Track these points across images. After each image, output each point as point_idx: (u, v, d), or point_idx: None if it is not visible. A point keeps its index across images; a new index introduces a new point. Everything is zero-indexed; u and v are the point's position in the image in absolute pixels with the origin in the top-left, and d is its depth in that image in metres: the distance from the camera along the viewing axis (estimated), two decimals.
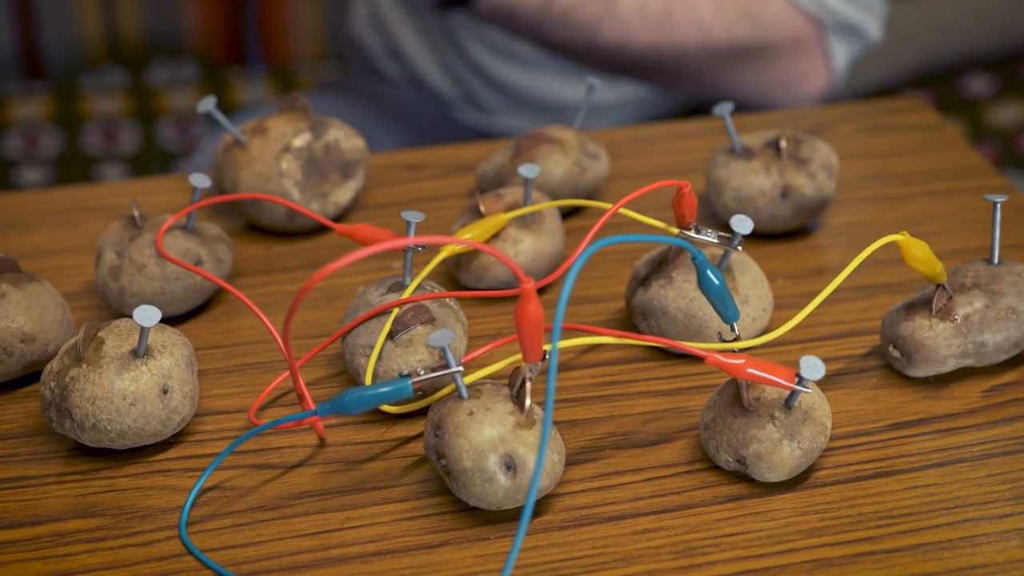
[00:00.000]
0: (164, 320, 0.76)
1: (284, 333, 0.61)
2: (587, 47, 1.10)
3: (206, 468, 0.66)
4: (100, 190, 0.97)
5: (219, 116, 0.83)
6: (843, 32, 1.13)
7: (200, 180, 0.77)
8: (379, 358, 0.69)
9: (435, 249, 0.78)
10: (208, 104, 0.83)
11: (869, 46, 1.15)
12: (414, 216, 0.72)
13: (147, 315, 0.64)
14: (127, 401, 0.65)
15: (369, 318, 0.70)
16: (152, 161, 1.75)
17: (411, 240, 0.59)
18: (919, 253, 0.69)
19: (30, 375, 0.73)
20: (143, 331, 0.64)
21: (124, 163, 1.76)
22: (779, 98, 1.16)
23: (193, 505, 0.65)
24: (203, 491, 0.65)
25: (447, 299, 0.72)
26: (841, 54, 1.14)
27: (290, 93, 1.16)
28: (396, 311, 0.69)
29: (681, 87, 1.18)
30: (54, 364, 0.66)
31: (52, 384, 0.66)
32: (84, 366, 0.65)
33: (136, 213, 0.77)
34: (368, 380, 0.69)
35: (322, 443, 0.68)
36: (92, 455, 0.68)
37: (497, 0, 1.06)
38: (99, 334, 0.66)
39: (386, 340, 0.69)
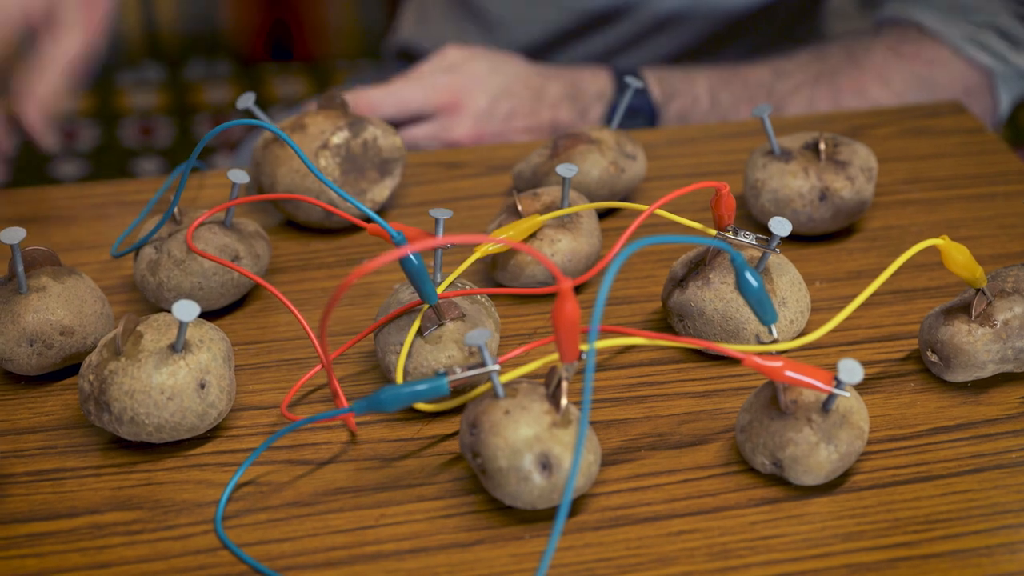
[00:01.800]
0: (201, 315, 0.76)
1: (320, 332, 0.61)
2: None
3: (242, 463, 0.66)
4: (140, 185, 0.98)
5: (259, 112, 0.84)
6: (1013, 78, 1.11)
7: (239, 176, 0.77)
8: (409, 355, 0.69)
9: (470, 247, 0.79)
10: (247, 100, 0.83)
11: None
12: (442, 213, 0.72)
13: (186, 310, 0.64)
14: (165, 395, 0.65)
15: (399, 315, 0.70)
16: (187, 156, 1.76)
17: (448, 239, 0.59)
18: (959, 257, 0.69)
19: (69, 368, 0.74)
20: (182, 326, 0.65)
21: (160, 157, 1.77)
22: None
23: (229, 500, 0.65)
24: (239, 486, 0.66)
25: (479, 296, 0.72)
26: (1006, 98, 1.12)
27: (328, 89, 1.16)
28: (425, 308, 0.69)
29: None
30: (93, 357, 0.67)
31: (91, 377, 0.66)
32: (123, 360, 0.66)
33: (175, 208, 0.77)
34: (399, 377, 0.69)
35: (355, 439, 0.68)
36: (129, 448, 0.68)
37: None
38: (138, 328, 0.67)
39: (416, 337, 0.69)
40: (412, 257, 0.67)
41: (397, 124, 1.02)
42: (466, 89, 1.03)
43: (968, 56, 1.08)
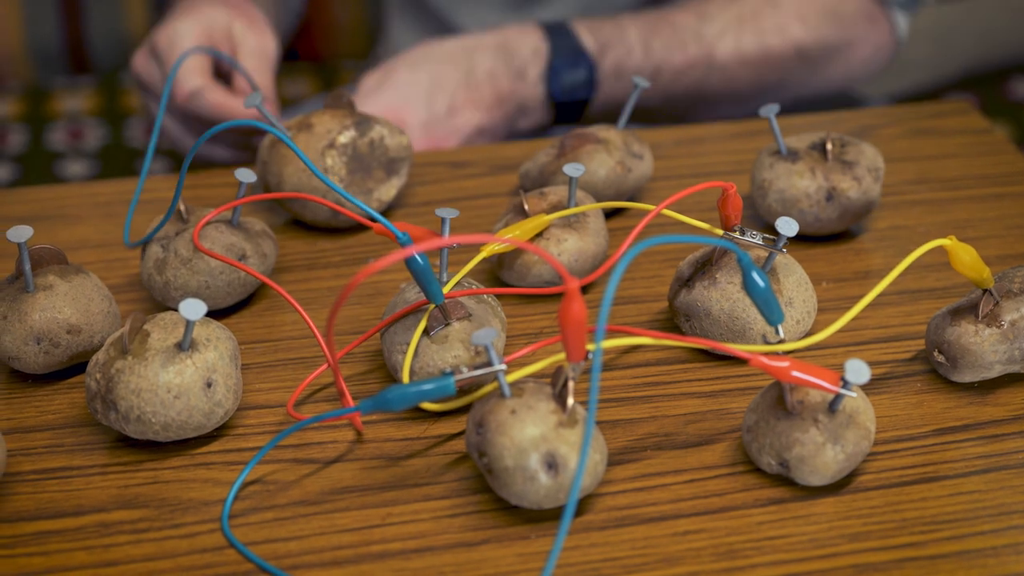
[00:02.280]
0: (208, 314, 0.76)
1: (327, 332, 0.61)
2: (695, 100, 1.14)
3: (248, 462, 0.66)
4: (146, 183, 0.98)
5: (265, 112, 0.84)
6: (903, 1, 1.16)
7: (246, 175, 0.77)
8: (415, 354, 0.69)
9: (477, 247, 0.79)
10: (255, 99, 0.83)
11: (919, 8, 1.17)
12: (448, 212, 0.72)
13: (193, 309, 0.64)
14: (171, 394, 0.65)
15: (406, 315, 0.70)
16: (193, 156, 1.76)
17: (455, 239, 0.59)
18: (966, 258, 0.68)
19: (76, 366, 0.74)
20: (188, 324, 0.65)
21: (166, 157, 1.77)
22: (859, 80, 1.18)
23: (235, 498, 0.65)
24: (245, 485, 0.66)
25: (484, 295, 0.72)
26: (902, 20, 1.17)
27: (335, 89, 1.16)
28: (431, 308, 0.69)
29: (777, 99, 1.19)
30: (100, 356, 0.67)
31: (98, 375, 0.66)
32: (130, 358, 0.66)
33: (182, 207, 0.78)
34: (405, 377, 0.69)
35: (361, 438, 0.69)
36: (136, 447, 0.68)
37: (607, 95, 1.08)
38: (144, 327, 0.67)
39: (422, 336, 0.69)
40: (418, 257, 0.67)
41: None
42: (399, 105, 1.03)
43: None
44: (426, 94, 1.03)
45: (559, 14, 1.23)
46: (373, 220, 0.70)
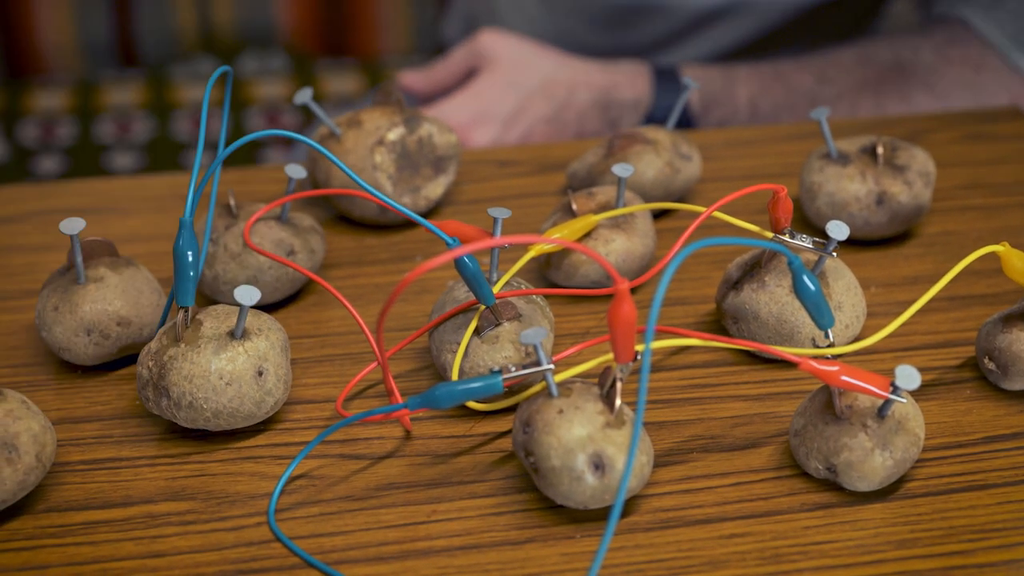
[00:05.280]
0: (256, 308, 0.77)
1: (377, 331, 0.62)
2: None
3: (295, 456, 0.66)
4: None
5: (315, 108, 0.84)
6: None
7: (295, 171, 0.78)
8: (465, 354, 0.69)
9: (524, 246, 0.79)
10: (305, 96, 0.84)
11: None
12: (501, 212, 0.72)
13: (247, 294, 0.65)
14: (223, 380, 0.66)
15: (455, 314, 0.71)
16: (239, 150, 1.77)
17: (506, 239, 0.59)
18: (1019, 264, 0.68)
19: (125, 358, 0.74)
20: (242, 310, 0.65)
21: (212, 151, 1.78)
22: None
23: (282, 492, 0.65)
24: (292, 479, 0.66)
25: (534, 296, 0.72)
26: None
27: (385, 84, 1.16)
28: (482, 308, 0.70)
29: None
30: (152, 344, 0.68)
31: (150, 363, 0.67)
32: (183, 346, 0.66)
33: (232, 202, 0.78)
34: (455, 376, 0.69)
35: (408, 436, 0.69)
36: (184, 439, 0.69)
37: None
38: (197, 316, 0.67)
39: (472, 336, 0.69)
40: (467, 260, 0.67)
41: None
42: (474, 120, 1.02)
43: (1013, 62, 1.06)
44: (506, 118, 1.02)
45: (643, 33, 1.20)
46: (424, 227, 0.70)
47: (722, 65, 1.08)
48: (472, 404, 0.69)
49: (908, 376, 0.61)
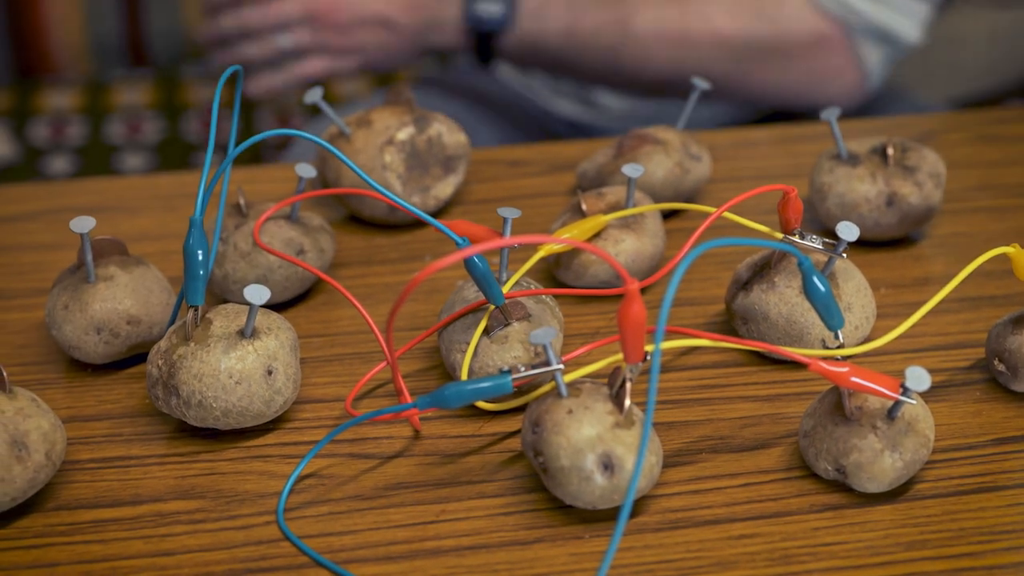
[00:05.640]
0: (265, 307, 0.77)
1: (386, 330, 0.62)
2: (611, 71, 1.15)
3: (305, 455, 0.66)
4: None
5: (325, 108, 0.84)
6: (873, 35, 1.14)
7: (305, 170, 0.78)
8: (475, 354, 0.69)
9: (533, 246, 0.79)
10: (315, 95, 0.84)
11: (907, 49, 1.15)
12: (511, 212, 0.72)
13: (257, 293, 0.65)
14: (233, 379, 0.66)
15: (465, 314, 0.71)
16: (248, 149, 1.77)
17: (516, 239, 0.59)
18: None
19: (134, 357, 0.74)
20: (252, 308, 0.65)
21: (222, 151, 1.78)
22: (807, 98, 1.17)
23: (291, 492, 0.65)
24: (301, 478, 0.66)
25: (543, 296, 0.72)
26: (874, 56, 1.15)
27: (395, 85, 1.17)
28: (491, 308, 0.70)
29: (709, 98, 1.19)
30: (162, 343, 0.68)
31: (160, 362, 0.67)
32: (192, 344, 0.66)
33: (242, 201, 0.78)
34: (464, 376, 0.69)
35: (418, 435, 0.69)
36: (193, 438, 0.69)
37: (524, 34, 1.10)
38: (207, 315, 0.67)
39: (482, 336, 0.69)
40: (477, 260, 0.67)
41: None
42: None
43: (816, 2, 1.10)
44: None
45: None
46: (434, 217, 0.70)
47: None
48: (481, 404, 0.69)
49: (918, 377, 0.61)
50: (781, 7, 1.13)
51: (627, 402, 0.62)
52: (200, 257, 0.68)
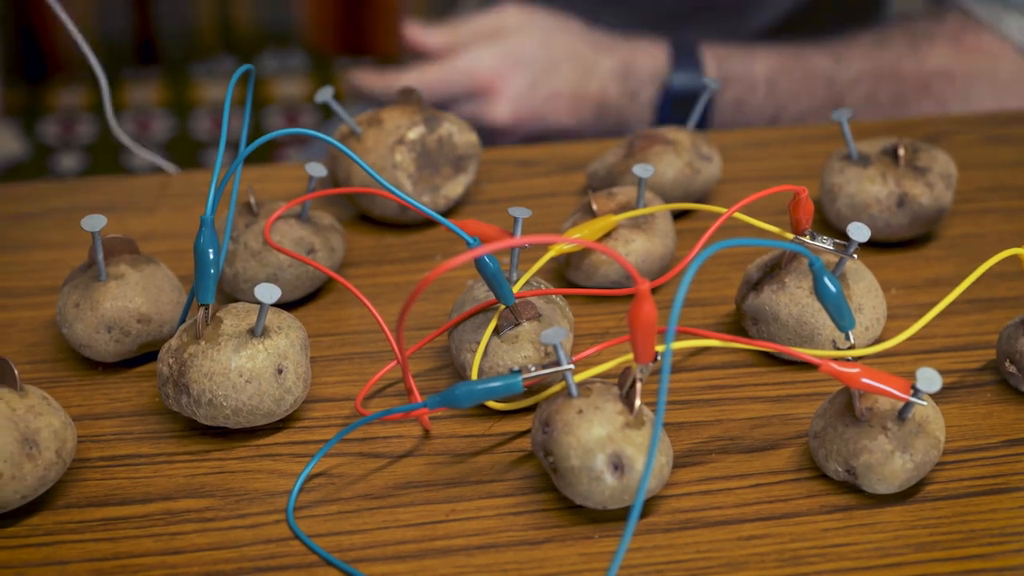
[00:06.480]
0: (276, 306, 0.77)
1: (397, 330, 0.62)
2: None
3: (314, 454, 0.66)
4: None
5: (336, 107, 0.84)
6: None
7: (316, 169, 0.78)
8: (485, 354, 0.69)
9: (544, 246, 0.78)
10: (326, 94, 0.84)
11: None
12: (521, 212, 0.72)
13: (268, 292, 0.65)
14: (243, 378, 0.66)
15: (475, 313, 0.71)
16: (258, 148, 1.77)
17: (527, 239, 0.59)
18: None
19: (145, 355, 0.74)
20: (263, 308, 0.66)
21: (231, 149, 1.78)
22: None
23: (300, 490, 0.65)
24: (310, 477, 0.66)
25: (554, 296, 0.72)
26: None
27: (406, 85, 1.17)
28: (501, 308, 0.70)
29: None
30: (172, 342, 0.68)
31: (170, 360, 0.67)
32: (203, 343, 0.66)
33: (252, 200, 0.78)
34: (474, 375, 0.69)
35: (427, 435, 0.69)
36: (203, 436, 0.69)
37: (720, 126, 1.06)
38: (217, 314, 0.68)
39: (492, 336, 0.69)
40: (487, 259, 0.67)
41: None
42: (505, 69, 1.02)
43: None
44: (535, 74, 1.02)
45: (661, 8, 1.21)
46: (445, 226, 0.70)
47: (741, 43, 1.09)
48: (491, 404, 0.69)
49: (929, 379, 0.61)
50: (997, 61, 1.07)
51: (637, 402, 0.62)
52: (211, 256, 0.68)
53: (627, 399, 0.62)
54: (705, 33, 1.20)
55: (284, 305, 0.78)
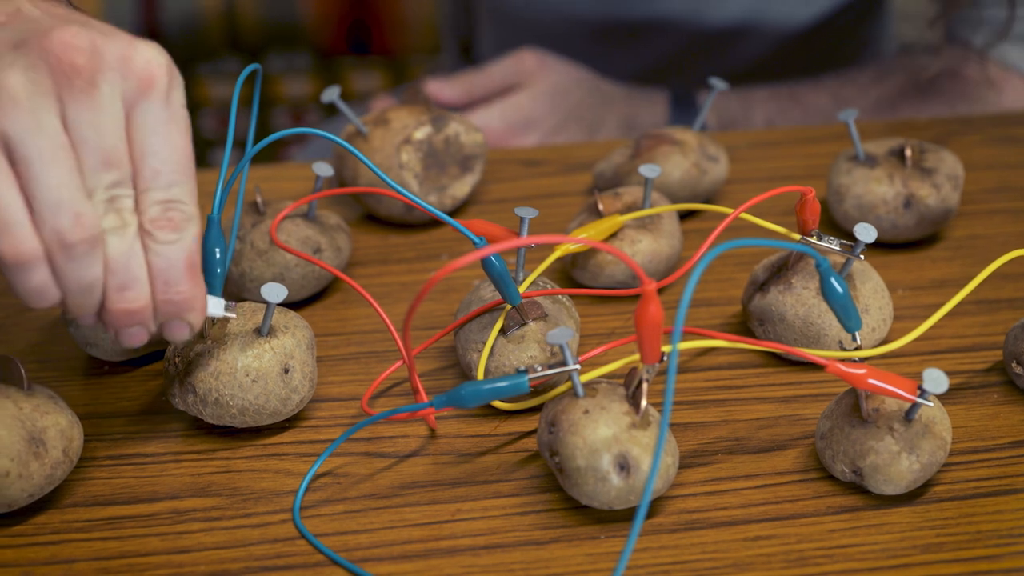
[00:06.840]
0: (282, 306, 0.77)
1: (404, 330, 0.62)
2: None
3: (321, 454, 0.66)
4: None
5: (342, 106, 0.84)
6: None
7: (323, 169, 0.78)
8: (491, 353, 0.69)
9: (550, 246, 0.78)
10: (332, 94, 0.84)
11: None
12: (528, 212, 0.72)
13: (274, 292, 0.65)
14: (249, 377, 0.66)
15: (481, 313, 0.71)
16: (264, 147, 1.77)
17: (533, 239, 0.59)
18: None
19: (151, 354, 0.74)
20: (269, 307, 0.66)
21: (238, 148, 1.78)
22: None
23: (307, 490, 0.65)
24: (317, 476, 0.66)
25: (560, 296, 0.72)
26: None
27: (412, 83, 1.17)
28: (508, 308, 0.70)
29: None
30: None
31: (177, 360, 0.67)
32: (209, 342, 0.66)
33: (259, 199, 0.78)
34: (480, 375, 0.69)
35: (433, 434, 0.69)
36: (209, 436, 0.69)
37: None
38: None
39: (498, 336, 0.69)
40: (494, 259, 0.67)
41: None
42: (513, 133, 1.05)
43: None
44: (543, 135, 1.06)
45: (657, 49, 1.22)
46: (451, 226, 0.70)
47: (739, 88, 1.10)
48: (497, 403, 0.69)
49: (935, 380, 0.61)
50: (1003, 87, 1.06)
51: (643, 403, 0.62)
52: (217, 255, 0.68)
53: (633, 399, 0.62)
54: (705, 71, 1.21)
55: (290, 304, 0.78)
